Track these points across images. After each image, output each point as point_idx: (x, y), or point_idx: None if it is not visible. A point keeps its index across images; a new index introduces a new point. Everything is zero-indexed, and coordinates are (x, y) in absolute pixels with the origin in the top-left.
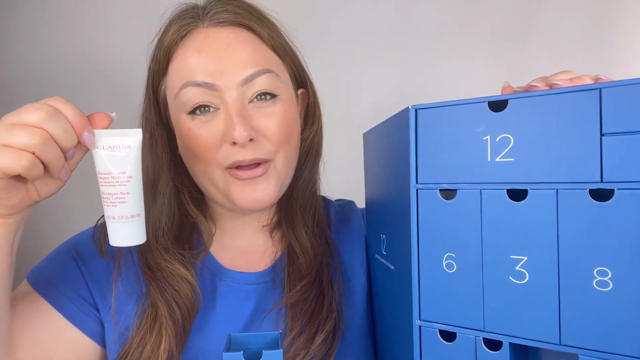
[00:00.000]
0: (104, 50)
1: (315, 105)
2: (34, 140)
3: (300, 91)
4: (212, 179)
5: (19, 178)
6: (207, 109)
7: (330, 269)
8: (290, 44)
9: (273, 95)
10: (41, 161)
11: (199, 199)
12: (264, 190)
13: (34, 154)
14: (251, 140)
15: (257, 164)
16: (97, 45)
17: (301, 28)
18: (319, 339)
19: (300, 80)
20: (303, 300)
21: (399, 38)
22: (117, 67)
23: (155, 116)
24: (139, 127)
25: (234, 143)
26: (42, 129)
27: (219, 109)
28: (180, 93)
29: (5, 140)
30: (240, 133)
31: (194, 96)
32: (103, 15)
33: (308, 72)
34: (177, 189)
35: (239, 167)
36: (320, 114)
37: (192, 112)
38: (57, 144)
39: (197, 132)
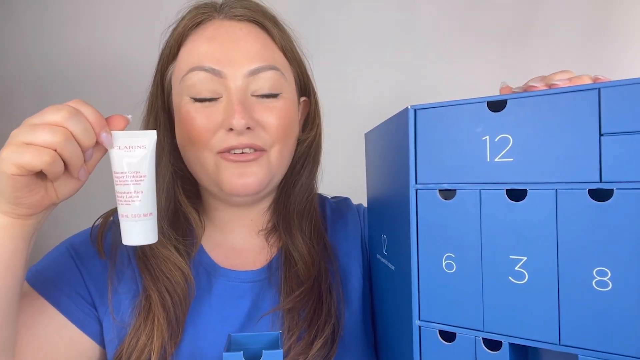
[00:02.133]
0: (106, 49)
1: (315, 113)
2: (56, 137)
3: (302, 99)
4: (203, 163)
5: (39, 176)
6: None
7: (329, 274)
8: (299, 51)
9: (276, 95)
10: (62, 159)
11: (193, 191)
12: (253, 175)
13: (55, 150)
14: (249, 128)
15: (251, 153)
16: (99, 44)
17: (302, 27)
18: (318, 344)
19: (304, 87)
20: (301, 306)
21: (399, 38)
22: (120, 65)
23: (160, 101)
24: (143, 114)
25: (231, 129)
26: (64, 127)
27: (221, 97)
28: (187, 77)
29: (28, 139)
30: (238, 120)
31: (200, 81)
32: (104, 13)
33: (313, 81)
34: (174, 175)
35: (230, 151)
36: (320, 122)
37: (195, 98)
38: (78, 142)
39: (194, 115)
